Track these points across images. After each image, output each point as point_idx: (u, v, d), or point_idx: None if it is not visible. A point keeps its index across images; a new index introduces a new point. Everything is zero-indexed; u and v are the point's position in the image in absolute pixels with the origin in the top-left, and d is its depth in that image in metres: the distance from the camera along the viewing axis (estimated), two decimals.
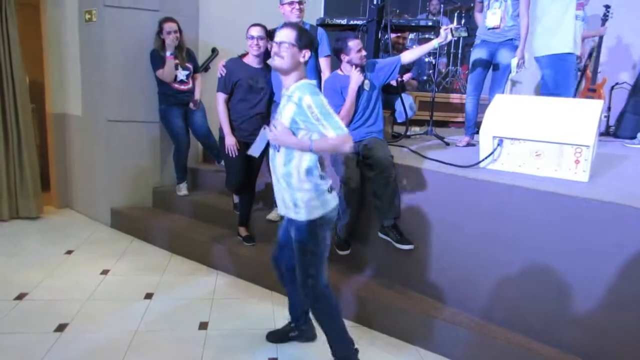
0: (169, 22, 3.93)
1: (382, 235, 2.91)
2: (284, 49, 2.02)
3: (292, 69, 2.06)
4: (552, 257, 2.32)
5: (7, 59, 4.17)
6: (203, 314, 2.89)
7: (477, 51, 3.81)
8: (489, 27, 3.64)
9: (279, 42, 2.04)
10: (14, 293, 3.01)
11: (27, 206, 4.40)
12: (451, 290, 2.72)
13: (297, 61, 2.05)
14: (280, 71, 2.08)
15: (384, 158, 2.82)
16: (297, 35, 2.04)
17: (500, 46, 3.67)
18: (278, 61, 2.04)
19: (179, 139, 4.20)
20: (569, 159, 2.61)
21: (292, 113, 2.03)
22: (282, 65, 2.04)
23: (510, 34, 3.62)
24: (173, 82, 4.01)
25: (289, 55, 2.02)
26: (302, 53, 2.05)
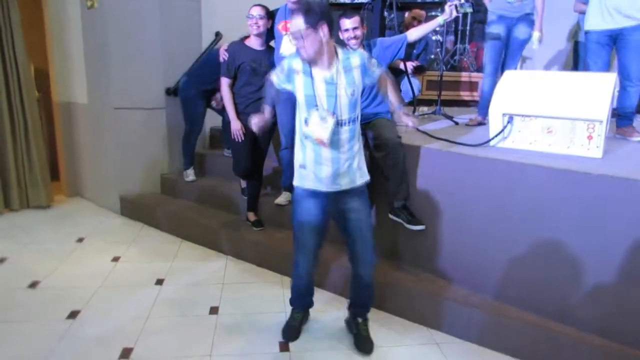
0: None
1: (393, 216, 2.88)
2: (301, 42, 1.99)
3: (320, 52, 2.02)
4: (565, 235, 2.28)
5: (10, 46, 4.15)
6: (213, 299, 2.90)
7: (494, 27, 3.71)
8: (510, 1, 3.57)
9: (294, 34, 2.00)
10: (27, 281, 3.04)
11: (37, 195, 4.43)
12: (463, 270, 2.70)
13: (319, 41, 1.99)
14: (313, 60, 2.04)
15: (392, 138, 2.78)
16: (304, 17, 1.97)
17: (518, 21, 3.61)
18: (303, 54, 2.03)
19: (195, 125, 4.18)
20: (582, 135, 2.56)
21: (360, 78, 2.10)
22: (308, 56, 2.02)
23: (528, 7, 3.57)
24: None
25: (309, 43, 1.98)
26: (318, 31, 1.98)
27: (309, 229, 2.24)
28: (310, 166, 2.14)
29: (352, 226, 2.24)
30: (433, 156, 2.78)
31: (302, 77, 2.08)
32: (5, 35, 4.12)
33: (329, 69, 2.06)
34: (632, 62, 3.20)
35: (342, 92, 2.07)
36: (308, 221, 2.23)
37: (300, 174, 2.20)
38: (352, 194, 2.20)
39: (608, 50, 3.33)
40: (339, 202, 2.21)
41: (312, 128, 2.05)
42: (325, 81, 2.06)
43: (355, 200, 2.21)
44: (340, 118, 2.08)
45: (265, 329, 2.59)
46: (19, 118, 4.27)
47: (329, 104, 2.06)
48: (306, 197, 2.21)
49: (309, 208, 2.22)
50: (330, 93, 2.06)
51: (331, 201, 2.21)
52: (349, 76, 2.08)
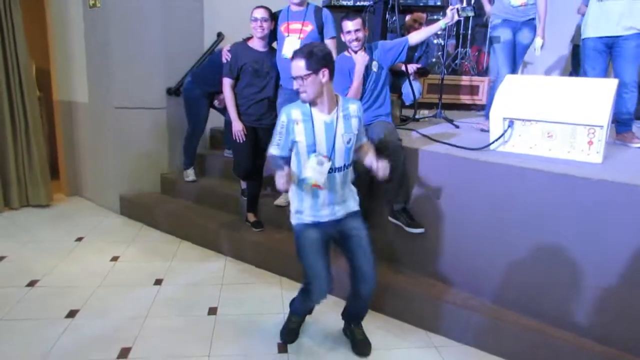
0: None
1: (392, 219, 2.89)
2: (302, 83, 2.02)
3: (320, 93, 2.05)
4: (565, 240, 2.29)
5: (12, 46, 4.16)
6: (212, 299, 2.90)
7: (500, 31, 3.73)
8: (515, 5, 3.60)
9: (294, 78, 2.04)
10: (26, 280, 3.04)
11: (37, 194, 4.43)
12: (462, 274, 2.70)
13: (319, 84, 2.03)
14: (311, 102, 2.08)
15: (392, 141, 2.78)
16: (306, 62, 2.00)
17: (522, 25, 3.65)
18: (304, 96, 2.06)
19: (198, 126, 4.17)
20: (582, 140, 2.56)
21: (357, 126, 2.17)
22: (308, 98, 2.05)
23: (532, 13, 3.61)
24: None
25: (310, 86, 2.02)
26: (319, 75, 2.02)
27: (317, 257, 2.20)
28: (307, 212, 2.18)
29: (355, 244, 2.24)
30: (433, 159, 2.79)
31: (302, 125, 2.09)
32: (8, 35, 4.12)
33: (329, 114, 2.10)
34: (626, 69, 3.25)
35: (340, 139, 2.11)
36: (314, 250, 2.20)
37: (299, 212, 2.21)
38: (349, 217, 2.24)
39: (605, 57, 3.35)
40: (338, 225, 2.23)
41: (309, 172, 2.07)
42: (325, 125, 2.09)
43: (353, 221, 2.25)
44: (334, 165, 2.11)
45: (264, 330, 2.59)
46: (20, 117, 4.27)
47: (327, 148, 2.09)
48: (307, 229, 2.20)
49: (312, 238, 2.20)
50: (328, 137, 2.09)
51: (331, 226, 2.22)
52: (347, 123, 2.13)
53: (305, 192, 2.14)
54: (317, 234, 2.20)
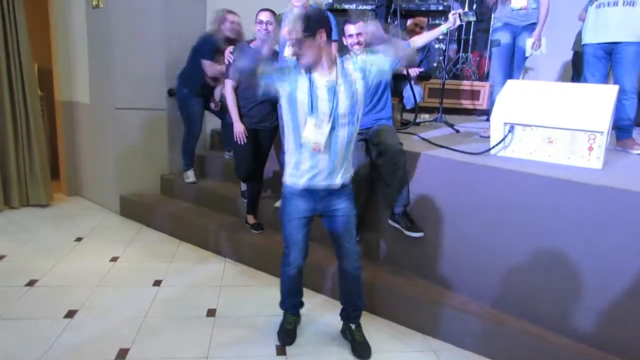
0: (232, 15, 3.82)
1: (392, 222, 2.89)
2: (300, 47, 2.03)
3: (319, 57, 2.05)
4: (565, 245, 2.29)
5: (15, 46, 4.16)
6: (211, 301, 2.89)
7: (500, 34, 3.72)
8: (515, 9, 3.59)
9: (291, 41, 2.05)
10: (25, 279, 3.04)
11: (37, 194, 4.43)
12: (461, 278, 2.70)
13: (317, 47, 2.03)
14: (312, 65, 2.07)
15: (393, 145, 2.78)
16: (302, 24, 2.01)
17: (523, 30, 3.63)
18: (302, 61, 2.07)
19: (194, 127, 4.18)
20: (582, 146, 2.57)
21: (360, 80, 2.13)
22: (307, 62, 2.06)
23: (533, 17, 3.58)
24: (209, 78, 3.97)
25: (308, 49, 2.02)
26: (316, 37, 2.02)
27: (299, 225, 2.29)
28: (305, 165, 2.16)
29: (340, 224, 2.29)
30: (434, 163, 2.79)
31: (307, 85, 2.09)
32: (11, 36, 4.13)
33: (329, 74, 2.10)
34: (626, 76, 3.26)
35: (342, 95, 2.09)
36: (298, 221, 2.28)
37: (293, 175, 2.21)
38: (340, 195, 2.24)
39: (605, 63, 3.36)
40: (328, 203, 2.25)
41: (307, 134, 2.08)
42: (326, 86, 2.09)
43: (343, 201, 2.26)
44: (339, 121, 2.10)
45: (262, 331, 2.59)
46: (21, 116, 4.28)
47: (329, 108, 2.08)
48: (296, 196, 2.23)
49: (299, 208, 2.25)
50: (330, 98, 2.08)
51: (320, 201, 2.24)
52: (347, 80, 2.11)
53: (304, 152, 2.13)
54: (305, 205, 2.23)
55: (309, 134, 2.07)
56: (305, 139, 2.08)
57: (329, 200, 2.24)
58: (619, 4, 3.21)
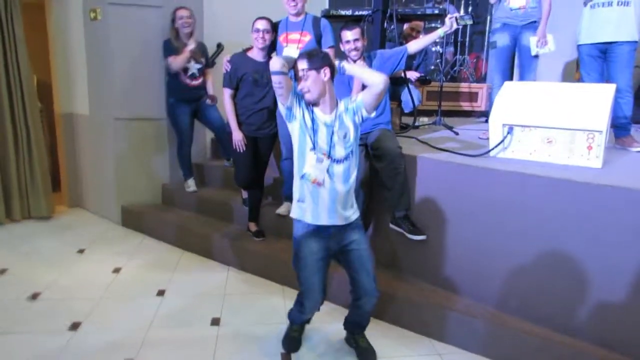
0: (180, 10, 3.95)
1: (394, 226, 2.89)
2: (305, 83, 2.07)
3: (323, 93, 2.10)
4: (566, 245, 2.29)
5: (14, 59, 4.18)
6: (215, 310, 2.89)
7: (498, 36, 3.68)
8: (514, 8, 3.53)
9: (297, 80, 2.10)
10: (28, 292, 3.04)
11: (39, 206, 4.43)
12: (464, 281, 2.70)
13: (322, 83, 2.08)
14: (316, 102, 2.12)
15: (392, 149, 2.79)
16: (307, 61, 2.07)
17: (523, 29, 3.56)
18: (307, 96, 2.10)
19: (183, 135, 4.19)
20: (582, 145, 2.58)
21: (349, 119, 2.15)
22: (312, 98, 2.09)
23: (533, 15, 3.51)
24: (185, 77, 4.00)
25: (313, 85, 2.06)
26: (321, 73, 2.07)
27: (313, 269, 2.21)
28: (308, 199, 2.15)
29: (355, 258, 2.23)
30: (434, 166, 2.80)
31: (308, 117, 2.13)
32: (9, 48, 4.15)
33: (330, 114, 2.13)
34: (620, 75, 3.29)
35: (336, 136, 2.13)
36: (312, 265, 2.21)
37: (300, 207, 2.19)
38: (350, 228, 2.21)
39: (600, 62, 3.38)
40: (340, 238, 2.21)
41: (308, 169, 2.11)
42: (325, 124, 2.12)
43: (355, 234, 2.23)
44: (334, 157, 2.12)
45: (267, 340, 2.58)
46: (22, 129, 4.29)
47: (327, 146, 2.11)
48: (307, 239, 2.19)
49: (312, 251, 2.20)
50: (328, 137, 2.12)
51: (332, 239, 2.20)
52: (341, 120, 2.14)
53: (306, 186, 2.14)
54: (318, 246, 2.19)
55: (309, 168, 2.11)
56: (307, 172, 2.11)
57: (340, 236, 2.20)
58: (613, 4, 3.23)
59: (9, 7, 4.10)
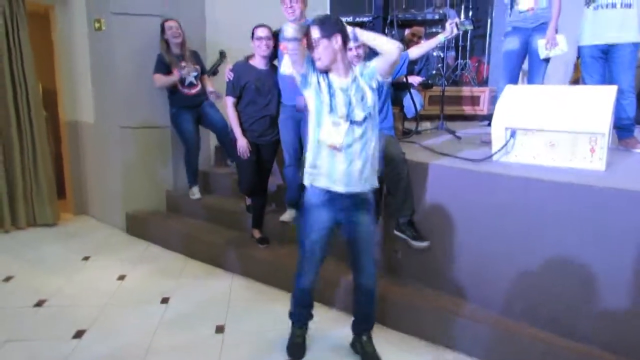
0: (169, 21, 3.98)
1: (398, 233, 2.88)
2: (316, 51, 2.08)
3: (334, 60, 2.11)
4: (570, 249, 2.28)
5: (20, 68, 4.22)
6: (219, 317, 2.89)
7: (508, 40, 3.61)
8: (522, 11, 3.45)
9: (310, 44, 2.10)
10: (34, 300, 3.05)
11: (44, 213, 4.46)
12: (469, 286, 2.69)
13: (332, 51, 2.09)
14: (327, 69, 2.13)
15: (395, 154, 2.80)
16: (319, 28, 2.08)
17: (534, 32, 3.46)
18: (319, 63, 2.12)
19: (189, 143, 4.21)
20: (584, 148, 2.57)
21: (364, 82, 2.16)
22: (323, 65, 2.11)
23: (544, 17, 3.40)
24: (183, 87, 4.02)
25: (323, 52, 2.08)
26: (332, 41, 2.08)
27: (319, 239, 2.28)
28: (324, 164, 2.16)
29: (360, 239, 2.28)
30: (437, 172, 2.79)
31: (325, 80, 2.15)
32: (16, 57, 4.19)
33: (345, 77, 2.16)
34: (623, 76, 3.27)
35: (354, 99, 2.14)
36: (319, 231, 2.26)
37: (311, 174, 2.21)
38: (362, 206, 2.24)
39: (602, 63, 3.36)
40: (350, 213, 2.23)
41: (325, 134, 2.13)
42: (342, 89, 2.14)
43: (365, 214, 2.25)
44: (353, 119, 2.13)
45: (272, 346, 2.58)
46: (27, 137, 4.32)
47: (345, 109, 2.12)
48: (318, 207, 2.23)
49: (321, 218, 2.24)
50: (345, 100, 2.13)
51: (341, 211, 2.23)
52: (358, 84, 2.17)
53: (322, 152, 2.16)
54: (326, 214, 2.22)
55: (326, 133, 2.12)
56: (323, 138, 2.13)
57: (350, 210, 2.23)
58: (617, 5, 3.22)
59: (15, 17, 4.14)
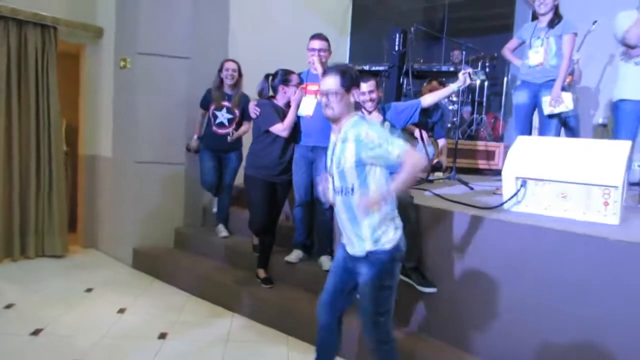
0: (228, 62, 4.11)
1: (404, 277, 2.81)
2: (332, 99, 2.02)
3: (345, 113, 2.06)
4: (583, 302, 2.19)
5: (45, 106, 4.37)
6: (215, 357, 2.81)
7: (518, 94, 3.62)
8: (532, 65, 3.47)
9: (325, 92, 2.04)
10: (31, 328, 3.01)
11: (53, 245, 4.48)
12: (477, 338, 2.57)
13: (347, 104, 2.05)
14: (333, 120, 2.09)
15: (404, 198, 2.76)
16: (341, 79, 2.02)
17: (542, 87, 3.45)
18: (328, 112, 2.05)
19: (201, 181, 4.26)
20: (597, 201, 2.52)
21: (353, 152, 2.00)
22: (333, 115, 2.05)
23: (552, 74, 3.40)
24: (213, 124, 4.11)
25: (337, 103, 2.02)
26: (350, 94, 2.05)
27: (332, 272, 2.27)
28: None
29: (360, 287, 2.16)
30: (446, 218, 2.75)
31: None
32: (42, 93, 4.35)
33: (337, 134, 2.10)
34: None
35: (335, 160, 2.08)
36: (334, 265, 2.28)
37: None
38: (363, 260, 2.09)
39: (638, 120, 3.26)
40: (351, 262, 2.18)
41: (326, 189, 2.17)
42: (333, 144, 2.13)
43: (362, 267, 2.10)
44: (334, 185, 2.10)
45: None
46: (45, 170, 4.41)
47: (330, 166, 2.13)
48: (340, 247, 2.26)
49: (338, 255, 2.26)
50: (331, 157, 2.13)
51: (350, 261, 2.18)
52: (342, 146, 2.05)
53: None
54: (342, 255, 2.22)
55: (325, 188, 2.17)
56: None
57: (350, 260, 2.17)
58: None
59: (46, 57, 4.34)
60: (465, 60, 5.47)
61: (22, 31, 4.20)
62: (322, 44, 3.30)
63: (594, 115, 5.49)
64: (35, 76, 4.32)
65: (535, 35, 3.47)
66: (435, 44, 6.31)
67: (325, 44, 3.31)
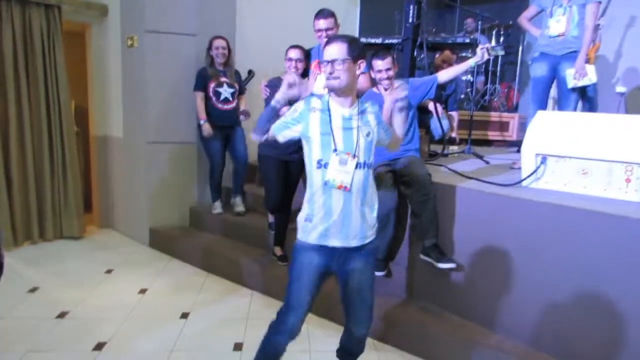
0: (217, 39, 4.07)
1: (424, 256, 2.82)
2: (339, 68, 1.83)
3: (352, 85, 1.90)
4: (603, 281, 2.19)
5: (54, 85, 4.35)
6: (238, 335, 2.87)
7: (536, 66, 3.51)
8: (552, 35, 3.34)
9: (331, 61, 1.84)
10: (56, 311, 3.08)
11: (71, 226, 4.53)
12: (495, 314, 2.60)
13: (354, 75, 1.88)
14: (339, 91, 1.89)
15: (422, 175, 2.76)
16: (348, 47, 1.84)
17: (562, 59, 3.34)
18: (334, 82, 1.85)
19: (214, 160, 4.25)
20: (619, 178, 2.49)
21: (374, 122, 1.98)
22: (340, 86, 1.86)
23: (574, 45, 3.29)
24: (217, 101, 4.09)
25: (345, 72, 1.84)
26: (357, 65, 1.88)
27: (308, 283, 1.97)
28: (317, 219, 1.92)
29: (353, 289, 2.03)
30: (464, 195, 2.74)
31: (319, 114, 1.91)
32: (50, 75, 4.31)
33: (350, 107, 1.93)
34: None
35: (359, 132, 1.92)
36: (306, 279, 1.97)
37: (305, 228, 1.96)
38: (358, 253, 1.98)
39: None
40: (344, 262, 1.98)
41: (333, 173, 1.88)
42: (343, 118, 1.91)
43: (360, 260, 1.99)
44: (359, 160, 1.90)
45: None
46: (58, 152, 4.43)
47: (346, 144, 1.89)
48: (309, 251, 1.96)
49: (311, 264, 1.96)
50: (347, 133, 1.90)
51: (335, 260, 1.97)
52: (364, 118, 1.95)
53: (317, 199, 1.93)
54: (318, 261, 1.95)
55: (333, 172, 1.88)
56: (329, 178, 1.88)
57: (344, 258, 1.97)
58: None
59: (52, 36, 4.28)
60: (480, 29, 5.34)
61: (25, 12, 4.13)
62: (328, 23, 3.10)
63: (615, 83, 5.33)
64: (42, 57, 4.27)
65: (557, 3, 3.34)
66: (447, 12, 6.14)
67: (331, 21, 3.11)
